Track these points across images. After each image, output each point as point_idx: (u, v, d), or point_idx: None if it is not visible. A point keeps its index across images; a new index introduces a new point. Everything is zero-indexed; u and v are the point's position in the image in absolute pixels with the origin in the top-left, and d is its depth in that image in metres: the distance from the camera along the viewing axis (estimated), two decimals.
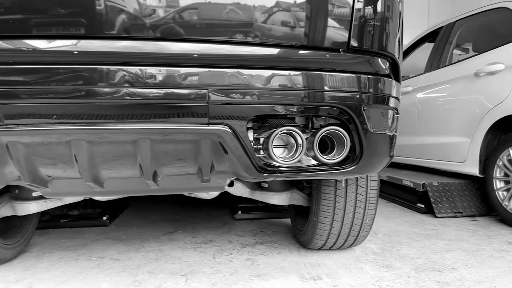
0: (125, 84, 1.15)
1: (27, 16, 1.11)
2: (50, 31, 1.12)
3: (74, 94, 1.13)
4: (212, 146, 1.27)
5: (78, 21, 1.12)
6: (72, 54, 1.14)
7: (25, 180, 1.29)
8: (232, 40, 1.21)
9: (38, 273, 2.08)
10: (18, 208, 2.08)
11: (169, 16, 1.16)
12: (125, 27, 1.15)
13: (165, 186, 1.43)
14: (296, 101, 1.26)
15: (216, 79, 1.19)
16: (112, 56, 1.16)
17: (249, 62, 1.23)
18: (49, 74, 1.12)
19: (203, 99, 1.19)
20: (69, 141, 1.19)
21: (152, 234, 2.83)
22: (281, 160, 1.28)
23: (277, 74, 1.25)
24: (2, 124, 1.13)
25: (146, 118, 1.18)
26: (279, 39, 1.25)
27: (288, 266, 2.14)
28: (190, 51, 1.19)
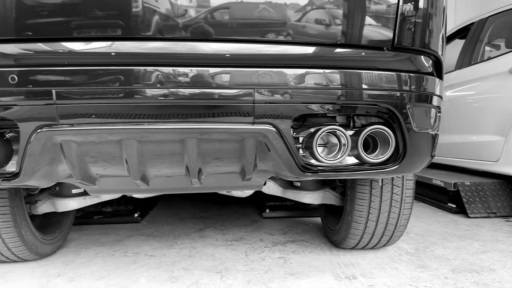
0: (175, 85, 1.17)
1: (82, 19, 1.14)
2: (104, 34, 1.15)
3: (126, 95, 1.16)
4: (256, 145, 1.28)
5: (131, 24, 1.15)
6: (124, 56, 1.16)
7: (76, 178, 1.33)
8: (279, 40, 1.21)
9: (77, 268, 2.14)
10: (59, 204, 2.15)
11: (220, 18, 1.17)
12: (179, 29, 1.17)
13: (207, 184, 1.45)
14: (342, 100, 1.26)
15: (262, 78, 1.20)
16: (162, 57, 1.18)
17: (295, 61, 1.23)
18: (102, 75, 1.15)
19: (249, 99, 1.20)
20: (120, 140, 1.22)
21: (183, 231, 2.87)
22: (326, 159, 1.28)
23: (323, 73, 1.24)
24: (57, 123, 1.17)
25: (194, 118, 1.20)
26: (325, 38, 1.25)
27: (322, 265, 2.14)
28: (238, 51, 1.20)
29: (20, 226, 1.99)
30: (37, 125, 1.17)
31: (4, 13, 1.13)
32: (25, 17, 1.14)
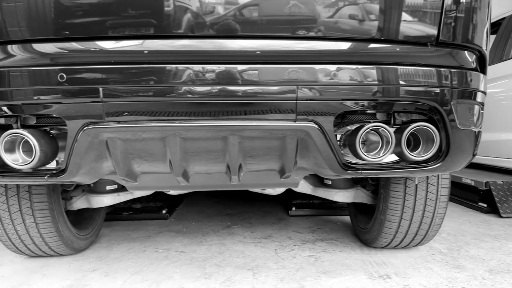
0: (219, 83, 1.17)
1: (131, 18, 1.16)
2: (151, 32, 1.16)
3: (171, 93, 1.17)
4: (298, 142, 1.28)
5: (178, 23, 1.16)
6: (170, 54, 1.18)
7: (120, 175, 1.36)
8: (324, 36, 1.20)
9: (111, 263, 2.18)
10: (93, 200, 2.19)
11: (267, 14, 1.17)
12: (227, 28, 1.17)
13: (245, 181, 1.45)
14: (387, 96, 1.24)
15: (306, 75, 1.19)
16: (208, 55, 1.19)
17: (341, 57, 1.22)
18: (147, 73, 1.16)
19: (292, 96, 1.19)
20: (164, 137, 1.23)
21: (211, 228, 2.89)
22: (369, 157, 1.26)
23: (367, 69, 1.23)
24: (103, 121, 1.19)
25: (237, 115, 1.20)
26: (369, 34, 1.23)
27: (353, 264, 2.12)
28: (281, 47, 1.20)
29: (58, 221, 2.03)
30: (84, 123, 1.20)
31: (54, 13, 1.15)
32: (74, 17, 1.16)
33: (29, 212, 1.95)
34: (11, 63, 1.18)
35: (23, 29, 1.17)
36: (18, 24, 1.17)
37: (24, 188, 1.91)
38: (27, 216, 1.95)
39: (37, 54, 1.18)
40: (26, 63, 1.18)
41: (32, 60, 1.18)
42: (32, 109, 1.21)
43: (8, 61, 1.19)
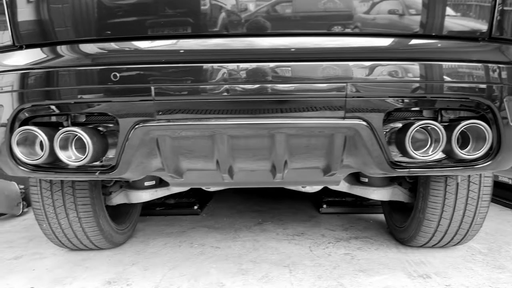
0: (267, 80, 1.18)
1: (180, 17, 1.18)
2: (202, 32, 1.18)
3: (220, 91, 1.19)
4: (346, 140, 1.27)
5: (232, 23, 1.17)
6: (220, 53, 1.19)
7: (168, 172, 1.38)
8: (373, 32, 1.19)
9: (149, 257, 2.23)
10: (132, 196, 2.24)
11: (316, 11, 1.17)
12: (277, 24, 1.18)
13: (288, 179, 1.46)
14: (439, 93, 1.22)
15: (356, 72, 1.19)
16: (256, 53, 1.19)
17: (392, 54, 1.20)
18: (198, 72, 1.18)
19: (342, 93, 1.19)
20: (213, 135, 1.25)
21: (242, 224, 2.91)
22: (419, 155, 1.24)
23: (418, 66, 1.21)
24: (154, 119, 1.21)
25: (285, 113, 1.20)
26: (419, 30, 1.21)
27: (391, 263, 2.10)
28: (332, 45, 1.19)
29: (99, 216, 2.09)
30: (136, 121, 1.22)
31: (110, 15, 1.18)
32: (129, 18, 1.18)
33: (72, 207, 2.01)
34: (68, 62, 1.22)
35: (84, 31, 1.21)
36: (79, 26, 1.21)
37: (67, 184, 1.97)
38: (71, 210, 2.02)
39: (92, 54, 1.22)
40: (81, 63, 1.22)
41: (87, 60, 1.22)
42: (87, 107, 1.25)
43: (62, 61, 1.24)
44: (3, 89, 1.31)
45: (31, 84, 1.26)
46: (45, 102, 1.25)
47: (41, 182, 1.98)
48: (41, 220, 2.06)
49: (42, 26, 1.24)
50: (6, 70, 1.30)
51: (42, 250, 2.39)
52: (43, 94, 1.25)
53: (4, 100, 1.30)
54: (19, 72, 1.27)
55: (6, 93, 1.30)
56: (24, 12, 1.24)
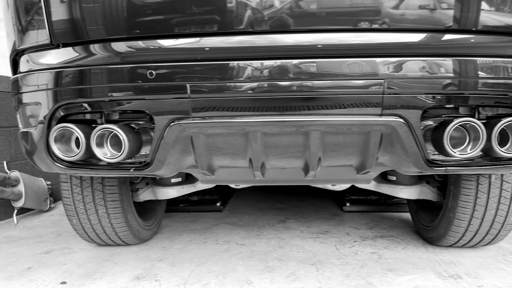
0: (302, 77, 1.17)
1: (217, 15, 1.18)
2: (236, 29, 1.18)
3: (255, 88, 1.18)
4: (382, 138, 1.25)
5: (266, 20, 1.16)
6: (256, 50, 1.18)
7: (201, 169, 1.39)
8: (412, 28, 1.16)
9: (175, 253, 2.25)
10: (159, 192, 2.26)
11: (350, 7, 1.15)
12: (318, 20, 1.17)
13: (320, 177, 1.44)
14: (477, 90, 1.18)
15: (393, 68, 1.16)
16: (291, 50, 1.18)
17: (429, 50, 1.18)
18: (233, 69, 1.18)
19: (379, 89, 1.17)
20: (247, 132, 1.25)
21: (266, 221, 2.91)
22: (457, 153, 1.21)
23: (458, 62, 1.18)
24: (189, 116, 1.22)
25: (321, 110, 1.19)
26: (458, 25, 1.18)
27: (419, 262, 2.06)
28: (369, 40, 1.17)
29: (127, 212, 2.12)
30: (171, 118, 1.23)
31: (145, 12, 1.19)
32: (165, 15, 1.19)
33: (101, 203, 2.04)
34: (105, 61, 1.24)
35: (121, 30, 1.22)
36: (116, 25, 1.22)
37: (97, 180, 2.00)
38: (100, 206, 2.05)
39: (129, 52, 1.23)
40: (118, 61, 1.23)
41: (123, 58, 1.23)
42: (123, 105, 1.26)
43: (99, 59, 1.25)
44: (39, 87, 1.34)
45: (69, 82, 1.27)
46: (82, 100, 1.27)
47: (72, 179, 2.02)
48: (71, 215, 2.10)
49: (79, 25, 1.25)
50: (44, 69, 1.32)
51: (71, 245, 2.43)
52: (81, 92, 1.26)
53: (41, 98, 1.33)
54: (57, 70, 1.29)
55: (43, 91, 1.32)
56: (61, 11, 1.26)
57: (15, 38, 1.39)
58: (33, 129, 1.40)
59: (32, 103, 1.36)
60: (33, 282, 1.90)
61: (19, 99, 1.42)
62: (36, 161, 1.50)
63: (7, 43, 1.48)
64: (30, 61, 1.36)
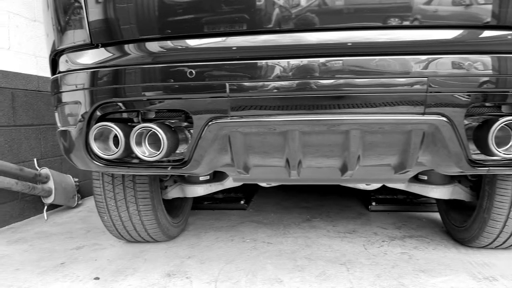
0: (339, 75, 1.15)
1: (256, 13, 1.17)
2: (277, 27, 1.17)
3: (293, 87, 1.17)
4: (424, 137, 1.23)
5: (306, 17, 1.15)
6: (295, 48, 1.18)
7: (237, 168, 1.39)
8: (456, 24, 1.14)
9: (203, 250, 2.26)
10: (187, 190, 2.28)
11: (399, 4, 1.13)
12: (345, 17, 1.15)
13: (357, 176, 1.43)
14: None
15: (437, 66, 1.14)
16: (330, 48, 1.17)
17: (473, 47, 1.15)
18: (272, 68, 1.17)
19: (422, 88, 1.14)
20: (284, 131, 1.24)
21: (291, 220, 2.90)
22: (502, 152, 1.18)
23: (503, 59, 1.14)
24: (228, 115, 1.22)
25: (362, 108, 1.17)
26: (504, 22, 1.14)
27: (452, 263, 2.02)
28: (413, 38, 1.15)
29: (157, 209, 2.14)
30: (210, 117, 1.23)
31: (185, 11, 1.20)
32: (203, 14, 1.19)
33: (132, 200, 2.07)
34: (145, 60, 1.25)
35: (161, 29, 1.23)
36: (156, 25, 1.23)
37: (128, 178, 2.03)
38: (131, 204, 2.08)
39: (169, 51, 1.24)
40: (158, 60, 1.24)
41: (163, 58, 1.24)
42: (162, 104, 1.27)
43: (139, 58, 1.26)
44: (80, 86, 1.36)
45: (109, 82, 1.29)
46: (122, 99, 1.29)
47: (103, 176, 2.05)
48: (103, 212, 2.14)
49: (120, 25, 1.27)
50: (84, 68, 1.34)
51: (100, 241, 2.48)
52: (121, 91, 1.28)
53: (81, 97, 1.35)
54: (97, 70, 1.31)
55: (83, 90, 1.34)
56: (103, 11, 1.28)
57: (54, 38, 1.42)
58: (72, 128, 1.42)
59: (72, 102, 1.39)
60: (67, 277, 1.94)
61: (59, 98, 1.44)
62: (73, 159, 1.52)
63: (46, 43, 1.51)
64: (70, 61, 1.38)
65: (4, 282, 1.89)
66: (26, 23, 3.07)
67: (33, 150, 3.13)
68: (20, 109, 3.00)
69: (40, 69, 3.22)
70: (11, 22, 2.91)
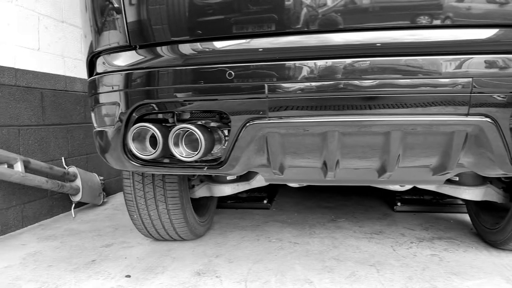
0: (380, 75, 1.14)
1: (295, 14, 1.17)
2: (316, 28, 1.17)
3: (333, 88, 1.17)
4: (467, 138, 1.20)
5: (347, 17, 1.15)
6: (334, 48, 1.17)
7: (273, 168, 1.39)
8: (502, 23, 1.11)
9: (230, 250, 2.28)
10: (215, 189, 2.29)
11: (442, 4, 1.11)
12: (384, 16, 1.14)
13: (394, 178, 1.41)
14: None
15: (482, 66, 1.12)
16: (369, 48, 1.16)
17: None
18: (312, 68, 1.17)
19: (466, 89, 1.12)
20: (323, 132, 1.24)
21: (315, 220, 2.89)
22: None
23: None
24: (266, 116, 1.22)
25: (403, 108, 1.16)
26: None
27: (484, 266, 1.99)
28: (457, 37, 1.13)
29: (185, 208, 2.16)
30: (248, 118, 1.24)
31: (224, 12, 1.20)
32: (240, 15, 1.19)
33: (162, 199, 2.09)
34: (184, 61, 1.26)
35: (200, 30, 1.24)
36: (194, 26, 1.24)
37: (158, 177, 2.05)
38: (160, 202, 2.10)
39: (208, 53, 1.24)
40: (197, 61, 1.25)
41: (202, 59, 1.25)
42: (201, 105, 1.28)
43: (178, 60, 1.28)
44: (118, 87, 1.38)
45: (148, 83, 1.31)
46: (161, 100, 1.30)
47: (134, 175, 2.07)
48: (132, 211, 2.17)
49: (159, 27, 1.28)
50: (122, 70, 1.36)
51: (128, 239, 2.51)
52: (160, 92, 1.29)
53: (120, 98, 1.37)
54: (135, 71, 1.33)
55: (122, 91, 1.36)
56: (142, 13, 1.29)
57: (92, 40, 1.44)
58: (109, 128, 1.44)
59: (110, 103, 1.41)
60: (99, 274, 1.97)
61: (96, 99, 1.47)
62: (108, 159, 1.55)
63: (83, 45, 1.53)
64: (108, 63, 1.40)
65: (39, 279, 1.93)
66: (55, 24, 3.13)
67: (61, 149, 3.20)
68: (49, 108, 3.07)
69: (67, 69, 3.29)
70: (40, 23, 2.97)
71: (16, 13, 2.74)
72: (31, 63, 2.89)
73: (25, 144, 2.83)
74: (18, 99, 2.77)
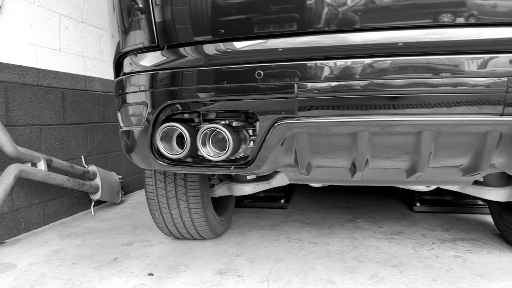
0: (415, 75, 1.13)
1: (323, 13, 1.16)
2: (346, 27, 1.16)
3: (364, 87, 1.16)
4: (500, 138, 1.18)
5: (378, 15, 1.14)
6: (364, 48, 1.16)
7: (301, 168, 1.39)
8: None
9: (250, 249, 2.28)
10: (235, 189, 2.29)
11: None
12: (412, 15, 1.12)
13: (423, 178, 1.39)
14: None
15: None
16: (400, 48, 1.15)
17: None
18: (343, 68, 1.16)
19: (502, 88, 1.10)
20: (353, 132, 1.23)
21: (334, 220, 2.87)
22: None
23: None
24: (295, 116, 1.21)
25: (436, 108, 1.14)
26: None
27: (510, 268, 1.95)
28: (492, 36, 1.11)
29: (206, 207, 2.17)
30: (276, 118, 1.24)
31: (254, 12, 1.20)
32: (269, 15, 1.19)
33: (183, 198, 2.10)
34: (213, 61, 1.27)
35: (229, 30, 1.24)
36: (223, 26, 1.25)
37: (180, 176, 2.06)
38: (182, 201, 2.11)
39: (237, 53, 1.25)
40: (226, 61, 1.25)
41: (232, 59, 1.25)
42: (229, 105, 1.28)
43: (208, 59, 1.28)
44: (146, 87, 1.39)
45: (176, 83, 1.31)
46: (189, 100, 1.31)
47: (156, 174, 2.09)
48: (154, 209, 2.18)
49: (187, 27, 1.29)
50: (151, 70, 1.37)
51: (148, 238, 2.53)
52: (188, 92, 1.30)
53: (147, 98, 1.38)
54: (164, 71, 1.33)
55: (150, 91, 1.37)
56: (170, 13, 1.30)
57: (120, 40, 1.45)
58: (136, 128, 1.45)
59: (137, 103, 1.42)
60: (122, 272, 1.99)
61: (123, 99, 1.48)
62: (135, 158, 1.56)
63: (110, 45, 1.55)
64: (135, 63, 1.41)
65: (64, 276, 1.96)
66: (75, 25, 3.17)
67: (81, 148, 3.24)
68: (69, 108, 3.11)
69: (87, 69, 3.32)
70: (61, 24, 3.01)
71: (38, 14, 2.78)
72: (53, 63, 2.93)
73: (47, 143, 2.88)
74: (40, 99, 2.81)
